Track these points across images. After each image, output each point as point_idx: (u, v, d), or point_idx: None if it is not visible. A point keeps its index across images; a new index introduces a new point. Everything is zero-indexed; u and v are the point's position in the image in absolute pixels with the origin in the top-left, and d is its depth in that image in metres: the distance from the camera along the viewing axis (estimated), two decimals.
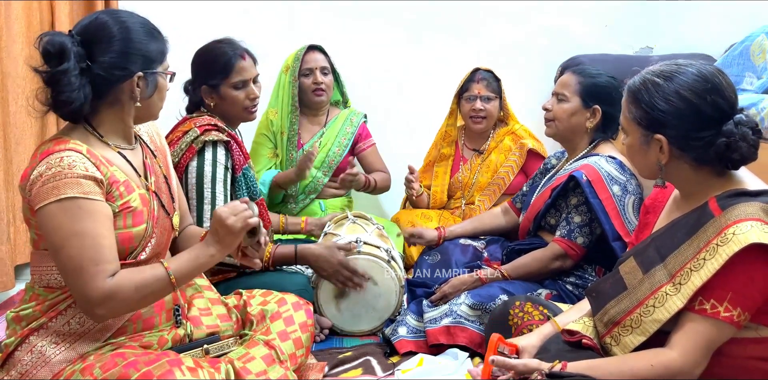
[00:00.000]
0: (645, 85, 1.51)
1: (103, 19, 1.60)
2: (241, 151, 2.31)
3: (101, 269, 1.49)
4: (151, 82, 1.64)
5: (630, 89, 1.55)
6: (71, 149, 1.54)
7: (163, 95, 1.70)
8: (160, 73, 1.66)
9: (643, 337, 1.48)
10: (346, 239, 2.50)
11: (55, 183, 1.49)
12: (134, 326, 1.66)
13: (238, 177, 2.29)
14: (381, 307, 2.44)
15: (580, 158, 2.35)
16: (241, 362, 1.67)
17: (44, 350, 1.57)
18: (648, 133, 1.51)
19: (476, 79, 3.00)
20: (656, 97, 1.48)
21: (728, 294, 1.38)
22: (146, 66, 1.62)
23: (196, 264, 1.60)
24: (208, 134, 2.20)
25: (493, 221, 2.74)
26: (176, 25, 3.32)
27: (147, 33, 1.63)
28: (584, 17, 3.52)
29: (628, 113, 1.54)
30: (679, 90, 1.47)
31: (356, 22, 3.52)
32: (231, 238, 1.59)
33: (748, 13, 3.32)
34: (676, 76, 1.48)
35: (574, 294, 2.25)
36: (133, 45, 1.59)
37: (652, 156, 1.53)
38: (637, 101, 1.52)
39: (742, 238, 1.35)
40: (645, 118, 1.51)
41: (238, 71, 2.29)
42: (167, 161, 1.87)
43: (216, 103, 2.33)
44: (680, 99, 1.46)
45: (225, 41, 2.34)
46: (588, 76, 2.35)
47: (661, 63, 1.55)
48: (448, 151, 3.16)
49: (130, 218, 1.61)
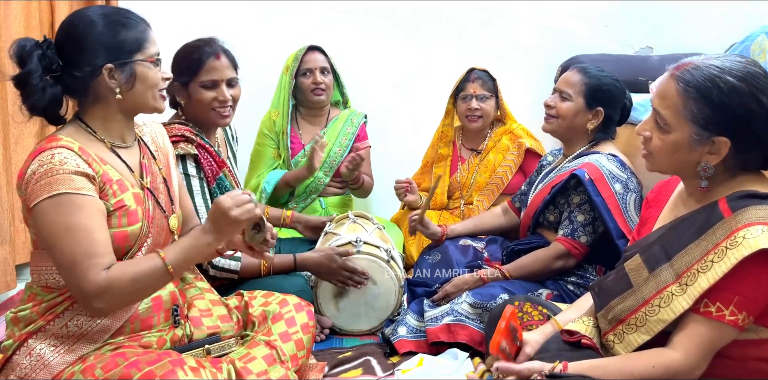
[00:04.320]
0: (715, 84, 1.40)
1: (69, 19, 1.63)
2: (213, 160, 2.24)
3: (95, 262, 1.49)
4: (125, 72, 1.60)
5: (692, 86, 1.42)
6: (63, 146, 1.55)
7: (150, 83, 1.64)
8: (138, 62, 1.61)
9: (648, 336, 1.47)
10: (345, 238, 2.50)
11: (48, 180, 1.50)
12: (132, 326, 1.66)
13: (212, 188, 2.23)
14: (380, 307, 2.44)
15: (579, 156, 2.35)
16: (242, 362, 1.66)
17: (43, 353, 1.57)
18: (706, 133, 1.42)
19: (471, 79, 3.00)
20: (733, 99, 1.39)
21: (735, 297, 1.37)
22: (115, 57, 1.59)
23: (193, 253, 1.57)
24: (175, 147, 2.11)
25: (493, 220, 2.75)
26: (175, 26, 3.34)
27: (114, 24, 1.60)
28: (584, 17, 3.52)
29: (684, 110, 1.43)
30: (755, 93, 1.40)
31: (356, 23, 3.52)
32: (232, 228, 1.57)
33: (748, 13, 3.32)
34: (749, 77, 1.40)
35: (575, 294, 2.25)
36: (95, 38, 1.58)
37: (696, 156, 1.46)
38: (703, 99, 1.41)
39: (753, 243, 1.34)
40: (710, 118, 1.41)
41: (208, 70, 2.22)
42: (169, 162, 1.85)
43: (185, 102, 2.26)
44: (757, 102, 1.40)
45: (205, 39, 2.28)
46: (593, 77, 2.33)
47: (711, 56, 1.47)
48: (446, 151, 3.16)
49: (125, 217, 1.61)
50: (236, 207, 1.54)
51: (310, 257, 2.33)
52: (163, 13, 3.37)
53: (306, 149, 3.10)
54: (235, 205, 1.54)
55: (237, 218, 1.54)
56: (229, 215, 1.53)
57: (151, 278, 1.53)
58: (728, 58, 1.46)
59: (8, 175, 2.70)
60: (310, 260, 2.32)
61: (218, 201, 1.55)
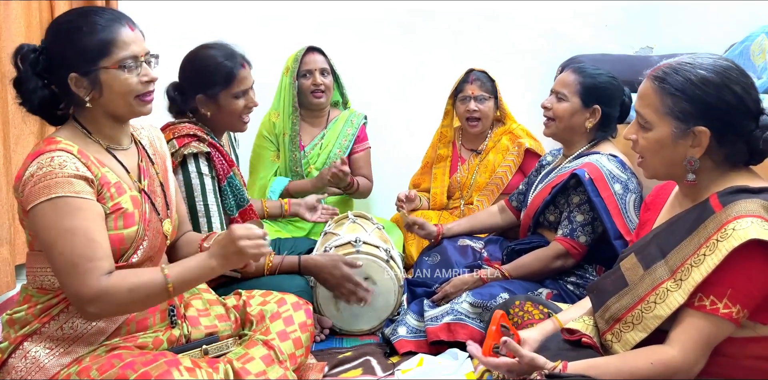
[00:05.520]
0: (687, 78, 1.46)
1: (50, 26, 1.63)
2: (224, 159, 2.23)
3: (94, 266, 1.48)
4: (90, 81, 1.56)
5: (666, 83, 1.49)
6: (62, 149, 1.54)
7: (118, 90, 1.57)
8: (102, 69, 1.55)
9: (645, 333, 1.47)
10: (345, 238, 2.49)
11: (47, 182, 1.49)
12: (128, 328, 1.65)
13: (223, 187, 2.22)
14: (380, 306, 2.44)
15: (579, 156, 2.35)
16: (240, 362, 1.66)
17: (38, 355, 1.56)
18: (686, 126, 1.47)
19: (470, 80, 3.00)
20: (705, 89, 1.44)
21: (728, 290, 1.38)
22: (77, 65, 1.55)
23: (196, 275, 1.56)
24: (187, 146, 2.12)
25: (489, 218, 2.74)
26: (174, 26, 3.35)
27: (76, 30, 1.55)
28: (584, 17, 3.52)
29: (662, 106, 1.49)
30: (727, 84, 1.44)
31: (355, 25, 3.53)
32: (238, 258, 1.56)
33: (748, 13, 3.32)
34: (720, 69, 1.46)
35: (575, 294, 2.25)
36: (59, 47, 1.56)
37: (681, 151, 1.49)
38: (678, 92, 1.47)
39: (742, 234, 1.35)
40: (686, 110, 1.46)
41: (240, 81, 2.21)
42: (166, 166, 1.84)
43: (212, 112, 2.24)
44: (731, 92, 1.44)
45: (219, 47, 2.24)
46: (588, 76, 2.34)
47: (684, 56, 1.52)
48: (445, 152, 3.16)
49: (122, 220, 1.60)
50: (247, 239, 1.53)
51: (314, 259, 2.29)
52: (163, 15, 3.39)
53: (306, 151, 3.10)
54: (246, 236, 1.53)
55: (244, 249, 1.53)
56: (238, 244, 1.53)
57: (149, 292, 1.52)
58: (700, 55, 1.52)
59: (8, 175, 2.70)
60: (314, 261, 2.28)
61: (231, 229, 1.54)
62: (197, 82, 2.21)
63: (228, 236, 1.54)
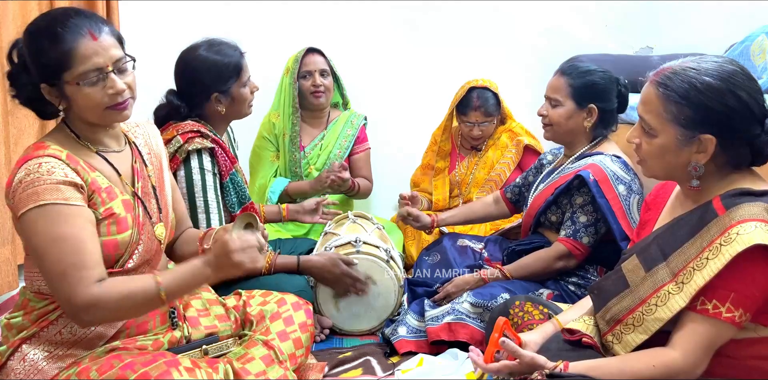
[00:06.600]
0: (692, 84, 1.43)
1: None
2: (226, 155, 2.24)
3: (84, 274, 1.45)
4: (58, 92, 1.52)
5: (670, 89, 1.45)
6: (50, 155, 1.51)
7: (84, 104, 1.52)
8: (65, 83, 1.50)
9: (645, 336, 1.47)
10: (345, 238, 2.49)
11: (35, 189, 1.46)
12: (128, 332, 1.64)
13: (225, 183, 2.23)
14: (380, 306, 2.44)
15: (581, 157, 2.33)
16: (240, 363, 1.66)
17: (36, 358, 1.55)
18: (691, 133, 1.44)
19: (473, 106, 2.99)
20: (709, 97, 1.42)
21: (730, 294, 1.37)
22: (44, 76, 1.51)
23: (190, 282, 1.53)
24: (191, 142, 2.13)
25: (483, 209, 2.72)
26: (174, 26, 3.35)
27: (41, 39, 1.49)
28: (584, 17, 3.52)
29: (665, 113, 1.46)
30: (733, 89, 1.42)
31: (356, 24, 3.52)
32: (231, 270, 1.51)
33: (748, 13, 3.32)
34: (725, 75, 1.43)
35: (576, 294, 2.25)
36: (29, 55, 1.52)
37: (685, 157, 1.48)
38: (682, 100, 1.44)
39: (746, 238, 1.34)
40: (691, 118, 1.43)
41: (246, 67, 2.27)
42: (162, 165, 1.80)
43: (227, 107, 2.25)
44: (736, 99, 1.42)
45: (205, 45, 2.24)
46: (577, 76, 2.30)
47: (689, 59, 1.50)
48: (443, 164, 3.19)
49: (115, 225, 1.57)
50: (241, 251, 1.49)
51: (312, 260, 2.31)
52: (163, 15, 3.39)
53: (306, 151, 3.10)
54: (241, 248, 1.49)
55: (239, 262, 1.49)
56: (231, 257, 1.49)
57: (141, 300, 1.49)
58: (704, 59, 1.49)
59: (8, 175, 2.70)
60: (312, 262, 2.30)
61: (226, 241, 1.50)
62: (209, 84, 2.22)
63: (222, 247, 1.50)
